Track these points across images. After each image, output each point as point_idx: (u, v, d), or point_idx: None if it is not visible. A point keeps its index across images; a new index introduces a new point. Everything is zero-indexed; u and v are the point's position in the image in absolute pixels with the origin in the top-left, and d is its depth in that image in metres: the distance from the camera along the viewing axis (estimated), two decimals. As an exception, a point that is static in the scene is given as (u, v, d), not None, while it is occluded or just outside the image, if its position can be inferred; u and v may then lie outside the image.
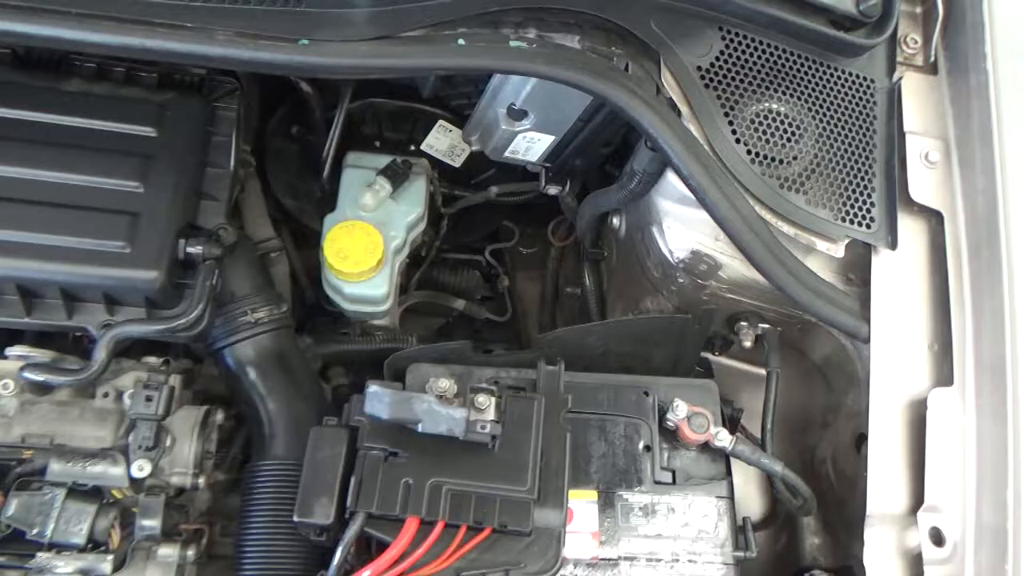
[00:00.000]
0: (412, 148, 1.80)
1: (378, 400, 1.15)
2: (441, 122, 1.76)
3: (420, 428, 1.15)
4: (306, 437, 1.41)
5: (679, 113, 1.31)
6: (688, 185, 1.31)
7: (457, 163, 1.83)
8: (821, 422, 1.67)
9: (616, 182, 1.61)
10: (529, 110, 1.51)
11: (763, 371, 1.78)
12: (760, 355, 1.64)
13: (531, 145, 1.63)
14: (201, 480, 1.35)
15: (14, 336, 1.37)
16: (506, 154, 1.67)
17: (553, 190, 1.78)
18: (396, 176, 1.65)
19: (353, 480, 1.18)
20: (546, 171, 1.75)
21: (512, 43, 1.27)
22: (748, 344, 1.57)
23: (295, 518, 1.18)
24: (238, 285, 1.45)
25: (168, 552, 1.31)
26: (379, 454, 1.21)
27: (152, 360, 1.34)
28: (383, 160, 1.71)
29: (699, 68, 1.35)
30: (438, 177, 1.79)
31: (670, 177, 1.45)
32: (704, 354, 1.71)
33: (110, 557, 1.26)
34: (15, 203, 1.25)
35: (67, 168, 1.28)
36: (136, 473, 1.28)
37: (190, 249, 1.30)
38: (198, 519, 1.41)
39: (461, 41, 1.26)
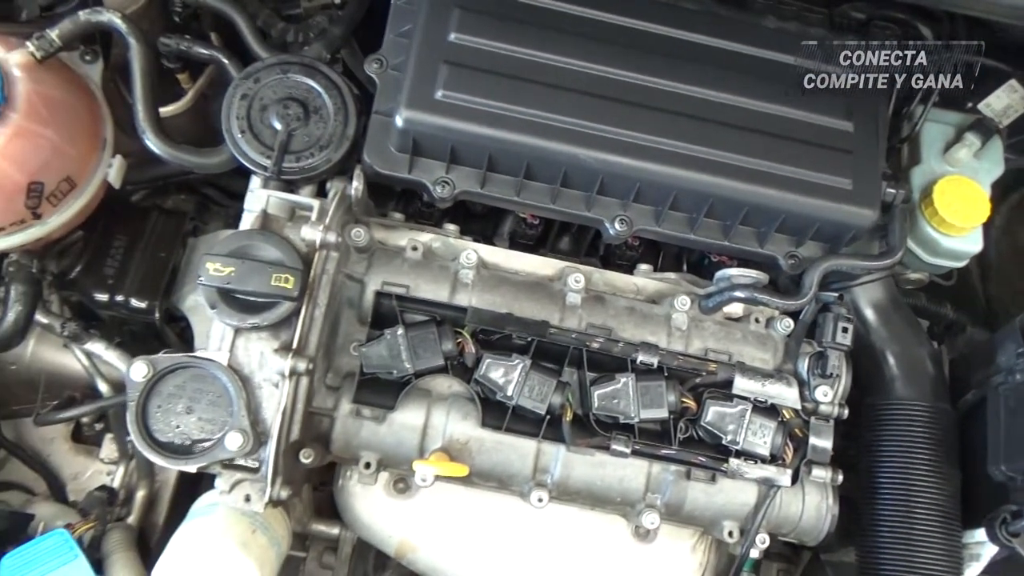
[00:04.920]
0: (969, 105, 1.77)
1: None
2: (1012, 81, 1.73)
3: None
4: (924, 380, 1.48)
5: None
6: None
7: (1003, 124, 1.79)
8: None
9: None
10: None
11: None
12: None
13: None
14: (845, 412, 1.42)
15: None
16: (1101, 122, 1.63)
17: (1120, 164, 1.72)
18: (987, 133, 1.64)
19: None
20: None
21: None
22: None
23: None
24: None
25: (822, 474, 1.40)
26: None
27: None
28: (955, 115, 1.70)
29: None
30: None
31: None
32: None
33: (788, 471, 1.36)
34: (743, 131, 1.32)
35: (778, 101, 1.34)
36: (821, 398, 1.36)
37: (889, 190, 1.35)
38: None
39: None
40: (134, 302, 1.51)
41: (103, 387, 1.60)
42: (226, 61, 1.41)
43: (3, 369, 1.67)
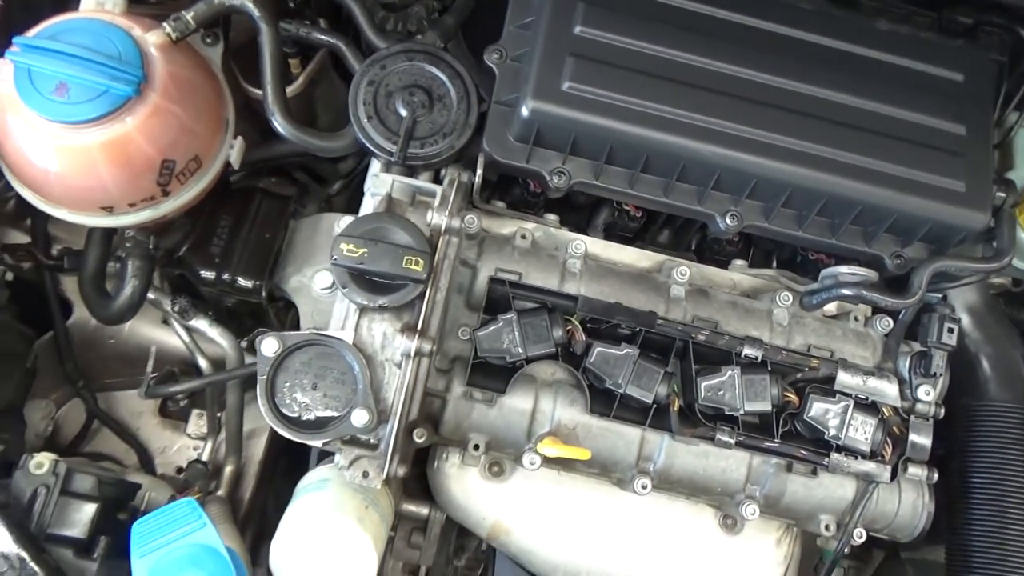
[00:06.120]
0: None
1: None
2: (1104, 89, 1.74)
3: None
4: (1018, 383, 1.50)
5: None
6: None
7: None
8: None
9: None
10: None
11: None
12: None
13: None
14: (942, 411, 1.44)
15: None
16: None
17: None
18: (1083, 141, 1.66)
19: None
20: None
21: None
22: None
23: None
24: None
25: (917, 472, 1.42)
26: None
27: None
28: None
29: None
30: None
31: None
32: None
33: (888, 467, 1.38)
34: (859, 130, 1.34)
35: (893, 102, 1.36)
36: (923, 397, 1.39)
37: (999, 193, 1.37)
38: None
39: None
40: (241, 281, 1.54)
41: (203, 363, 1.64)
42: (345, 48, 1.43)
43: (102, 342, 1.72)
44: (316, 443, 1.25)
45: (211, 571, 1.15)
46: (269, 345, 1.22)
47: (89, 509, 1.30)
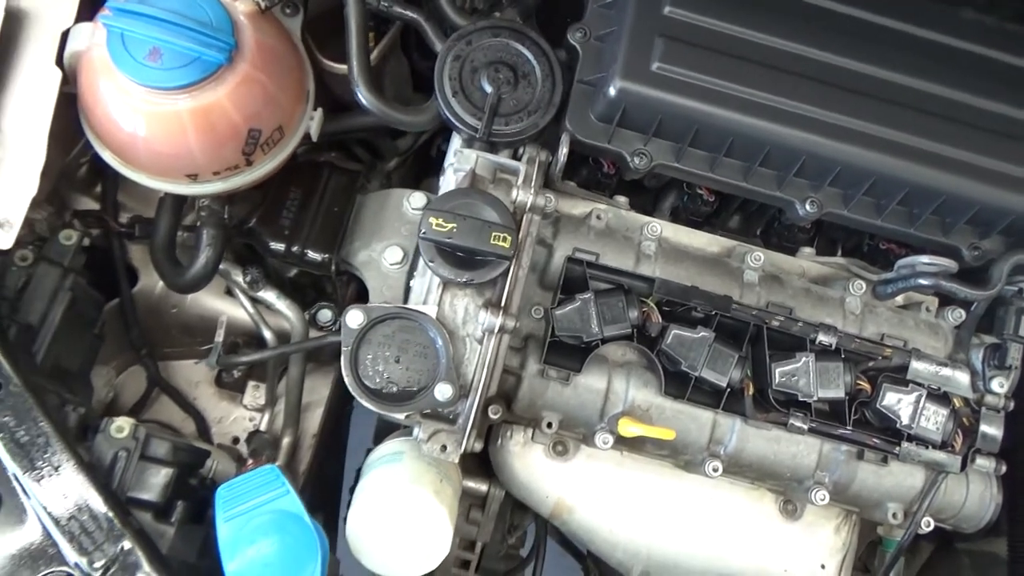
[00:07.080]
0: None
1: None
2: None
3: None
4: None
5: None
6: None
7: None
8: None
9: None
10: None
11: None
12: None
13: None
14: (1012, 404, 1.44)
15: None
16: None
17: None
18: None
19: None
20: None
21: None
22: None
23: None
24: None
25: (985, 463, 1.42)
26: None
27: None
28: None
29: None
30: None
31: None
32: None
33: (958, 457, 1.39)
34: (947, 120, 1.33)
35: (979, 92, 1.35)
36: (996, 389, 1.39)
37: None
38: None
39: None
40: (311, 254, 1.55)
41: (268, 335, 1.64)
42: (425, 23, 1.43)
43: (165, 311, 1.72)
44: (399, 416, 1.25)
45: (296, 537, 1.16)
46: (354, 317, 1.23)
47: (166, 474, 1.32)
